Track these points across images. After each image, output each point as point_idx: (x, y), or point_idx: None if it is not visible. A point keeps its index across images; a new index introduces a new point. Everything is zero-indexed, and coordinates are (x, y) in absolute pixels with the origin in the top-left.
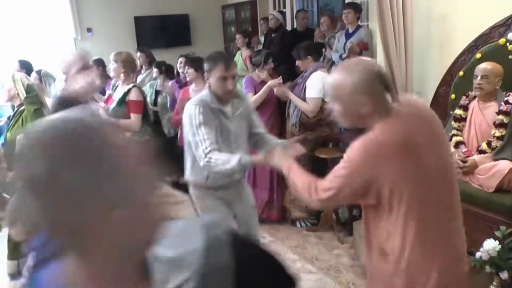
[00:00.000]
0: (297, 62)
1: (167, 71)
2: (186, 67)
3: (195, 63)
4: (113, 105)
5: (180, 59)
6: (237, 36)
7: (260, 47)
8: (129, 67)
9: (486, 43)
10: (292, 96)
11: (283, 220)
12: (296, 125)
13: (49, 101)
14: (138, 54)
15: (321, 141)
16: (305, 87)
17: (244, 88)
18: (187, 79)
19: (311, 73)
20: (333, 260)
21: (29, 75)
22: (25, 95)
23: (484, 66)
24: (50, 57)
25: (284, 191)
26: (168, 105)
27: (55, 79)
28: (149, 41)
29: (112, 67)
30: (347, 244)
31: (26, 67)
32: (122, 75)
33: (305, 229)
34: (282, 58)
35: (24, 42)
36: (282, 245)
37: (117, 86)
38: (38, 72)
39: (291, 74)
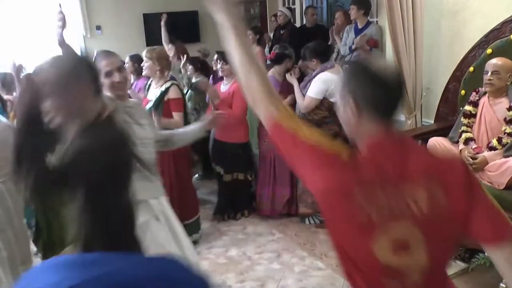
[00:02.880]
0: (300, 62)
1: (202, 67)
2: (221, 62)
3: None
4: (149, 105)
5: (216, 56)
6: (248, 32)
7: (270, 44)
8: (164, 64)
9: (497, 39)
10: (295, 87)
11: (291, 216)
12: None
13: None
14: (169, 45)
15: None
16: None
17: None
18: (222, 74)
19: (317, 73)
20: None
21: None
22: None
23: (495, 61)
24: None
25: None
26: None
27: None
28: (159, 38)
29: (146, 64)
30: None
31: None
32: (157, 72)
33: (314, 225)
34: None
35: (33, 40)
36: (291, 241)
37: (149, 85)
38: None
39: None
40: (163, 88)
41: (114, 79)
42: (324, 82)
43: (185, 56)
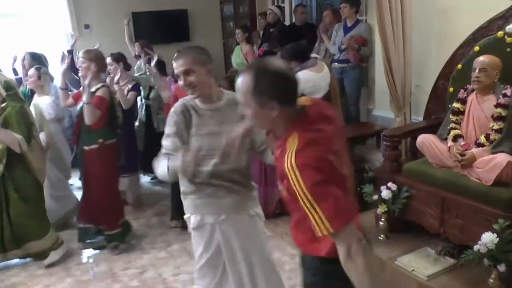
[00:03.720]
0: None
1: (162, 67)
2: None
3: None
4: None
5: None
6: (237, 31)
7: (259, 42)
8: (100, 65)
9: (484, 36)
10: None
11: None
12: None
13: (44, 99)
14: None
15: None
16: None
17: None
18: None
19: (297, 72)
20: None
21: (41, 69)
22: (4, 93)
23: (482, 59)
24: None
25: None
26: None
27: (53, 78)
28: (148, 37)
29: (83, 65)
30: None
31: (38, 59)
32: (93, 74)
33: None
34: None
35: (21, 38)
36: (282, 240)
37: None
38: (38, 69)
39: None
40: (93, 89)
41: (180, 83)
42: (302, 81)
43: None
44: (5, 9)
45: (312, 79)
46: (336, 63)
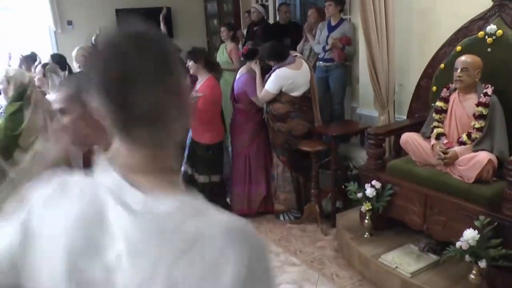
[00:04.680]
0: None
1: None
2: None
3: (194, 55)
4: None
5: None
6: (222, 28)
7: (243, 40)
8: None
9: (465, 36)
10: (257, 76)
11: (266, 213)
12: (268, 114)
13: (49, 97)
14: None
15: (301, 134)
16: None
17: (250, 89)
18: (190, 72)
19: (276, 68)
20: (316, 252)
21: (47, 66)
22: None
23: (464, 58)
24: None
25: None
26: None
27: (60, 76)
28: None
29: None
30: (330, 236)
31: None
32: None
33: (288, 222)
34: None
35: (6, 33)
36: (266, 238)
37: None
38: (44, 66)
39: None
40: None
41: None
42: (280, 78)
43: None
44: None
45: (290, 76)
46: (321, 62)
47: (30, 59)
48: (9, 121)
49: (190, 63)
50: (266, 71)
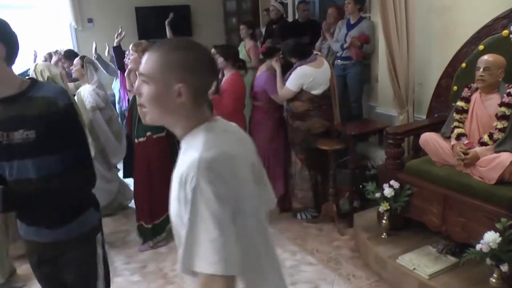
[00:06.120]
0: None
1: None
2: (216, 55)
3: (225, 52)
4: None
5: (213, 50)
6: (241, 26)
7: (262, 39)
8: None
9: (488, 35)
10: (278, 73)
11: (283, 211)
12: (287, 112)
13: (86, 87)
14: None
15: (320, 133)
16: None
17: (270, 87)
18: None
19: (297, 66)
20: (333, 251)
21: (85, 58)
22: None
23: (487, 58)
24: (50, 48)
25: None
26: None
27: (97, 69)
28: (150, 32)
29: (131, 57)
30: (347, 236)
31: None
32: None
33: (305, 220)
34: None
35: (23, 33)
36: (282, 236)
37: None
38: (82, 58)
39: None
40: None
41: None
42: (301, 76)
43: None
44: (12, 0)
45: (311, 74)
46: (338, 60)
47: (71, 54)
48: None
49: (219, 59)
50: (286, 69)
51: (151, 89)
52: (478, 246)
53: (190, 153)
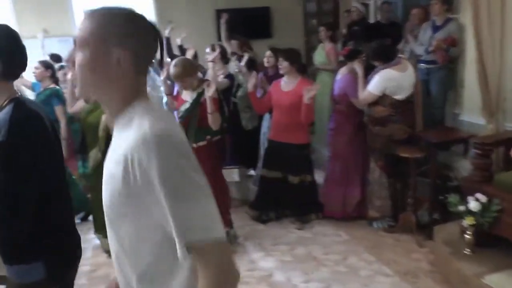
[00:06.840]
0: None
1: (251, 65)
2: (280, 59)
3: (292, 56)
4: (185, 106)
5: (268, 52)
6: (321, 28)
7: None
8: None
9: None
10: (360, 76)
11: (359, 218)
12: (368, 117)
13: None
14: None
15: (400, 139)
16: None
17: (351, 90)
18: (281, 71)
19: (381, 69)
20: (411, 264)
21: None
22: None
23: None
24: None
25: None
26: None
27: (159, 73)
28: (230, 34)
29: None
30: (426, 249)
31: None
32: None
33: (381, 229)
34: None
35: None
36: (358, 244)
37: None
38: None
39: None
40: (199, 90)
41: None
42: (384, 79)
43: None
44: (97, 3)
45: (395, 78)
46: (422, 64)
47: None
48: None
49: (284, 63)
50: (366, 72)
51: (85, 54)
52: None
53: (135, 129)
